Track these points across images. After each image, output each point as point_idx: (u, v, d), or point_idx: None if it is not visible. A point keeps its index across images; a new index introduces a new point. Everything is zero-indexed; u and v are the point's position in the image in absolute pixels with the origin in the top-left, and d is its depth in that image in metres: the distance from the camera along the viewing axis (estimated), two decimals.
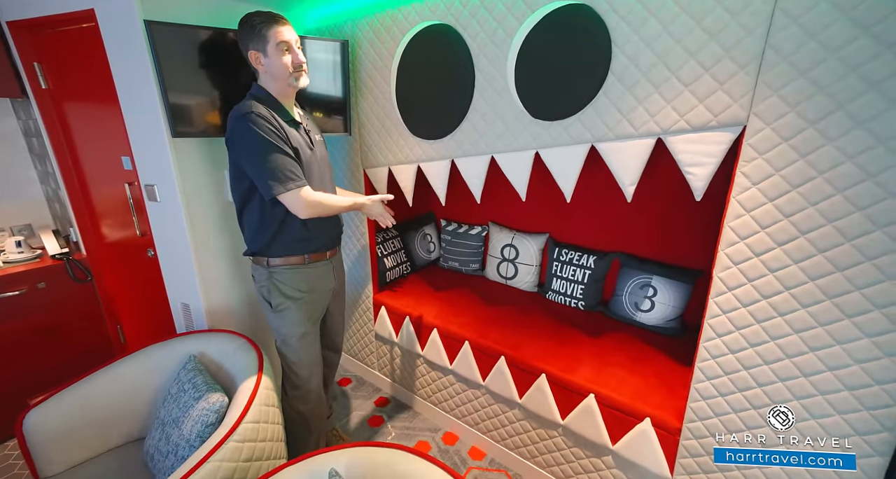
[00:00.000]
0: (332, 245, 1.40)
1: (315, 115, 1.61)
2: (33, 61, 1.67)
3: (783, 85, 0.81)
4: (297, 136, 1.23)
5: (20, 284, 1.77)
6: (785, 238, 0.87)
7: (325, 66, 1.57)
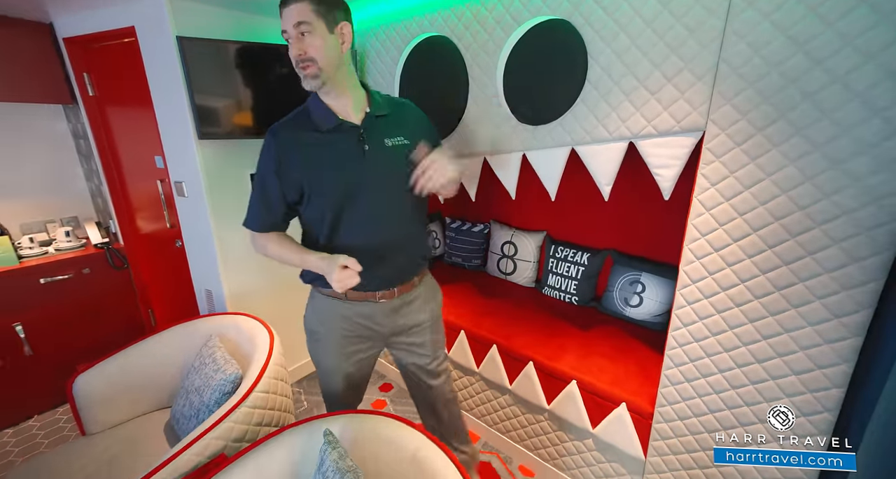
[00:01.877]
0: (383, 285, 1.10)
1: None
2: (83, 72, 1.88)
3: (735, 95, 0.89)
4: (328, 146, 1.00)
5: (69, 269, 1.98)
6: (739, 235, 0.95)
7: None
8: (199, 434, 1.07)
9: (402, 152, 1.02)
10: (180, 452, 1.03)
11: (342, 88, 0.99)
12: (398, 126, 1.04)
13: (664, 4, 0.94)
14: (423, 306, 1.18)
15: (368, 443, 0.98)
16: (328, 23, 0.91)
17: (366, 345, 1.19)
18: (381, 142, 1.01)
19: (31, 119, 2.09)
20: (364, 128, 1.01)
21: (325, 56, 0.92)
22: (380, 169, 1.01)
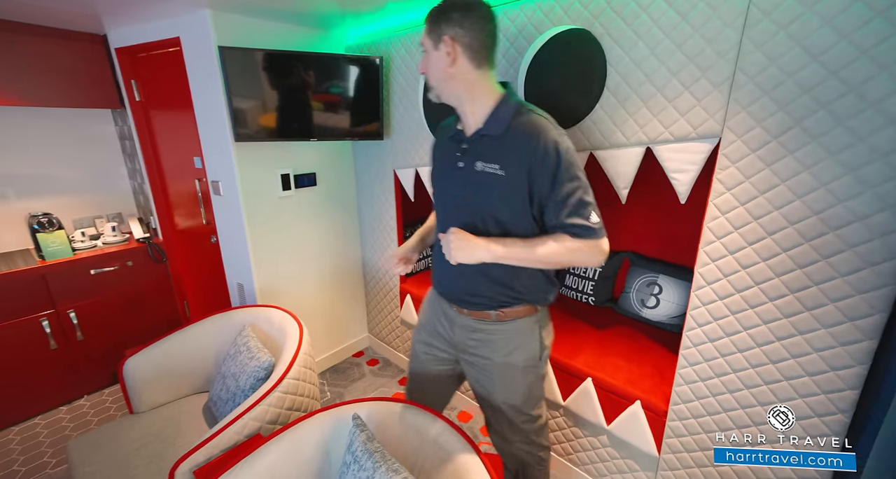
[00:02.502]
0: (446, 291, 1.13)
1: (345, 116, 1.83)
2: (131, 79, 2.03)
3: (750, 102, 0.92)
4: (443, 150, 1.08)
5: (115, 261, 2.14)
6: (754, 238, 0.98)
7: (365, 80, 1.79)
8: (238, 415, 1.16)
9: (489, 181, 0.95)
10: (222, 430, 1.13)
11: (459, 101, 0.98)
12: (501, 152, 0.94)
13: (682, 15, 0.97)
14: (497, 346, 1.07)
15: (393, 428, 1.05)
16: (433, 40, 0.93)
17: (435, 341, 1.20)
18: (473, 163, 0.97)
19: (83, 123, 2.26)
20: (468, 143, 0.99)
21: (432, 73, 0.97)
22: (462, 189, 1.00)
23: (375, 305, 2.48)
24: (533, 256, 0.92)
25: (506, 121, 0.93)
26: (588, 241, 0.89)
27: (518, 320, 1.05)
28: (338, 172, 2.19)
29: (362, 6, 1.58)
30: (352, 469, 0.92)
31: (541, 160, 0.89)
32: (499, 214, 0.96)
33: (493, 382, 1.11)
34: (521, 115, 0.93)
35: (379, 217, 2.22)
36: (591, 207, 0.90)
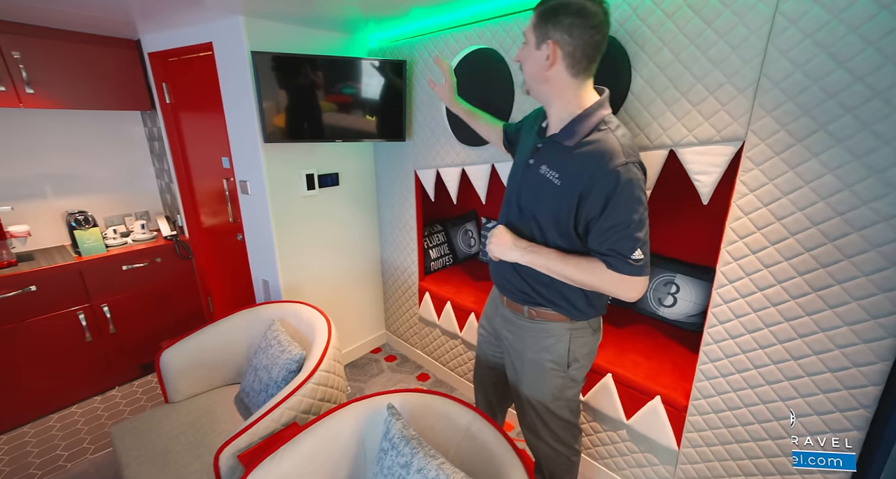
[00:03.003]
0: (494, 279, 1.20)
1: (368, 118, 1.89)
2: (162, 82, 2.11)
3: (775, 107, 0.95)
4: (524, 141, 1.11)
5: (144, 258, 2.22)
6: (777, 238, 1.01)
7: (389, 82, 1.84)
8: (276, 404, 1.22)
9: (545, 187, 0.95)
10: (261, 418, 1.19)
11: (546, 103, 0.99)
12: (565, 163, 0.93)
13: (708, 23, 1.00)
14: (527, 342, 1.12)
15: (425, 417, 1.10)
16: (537, 38, 0.89)
17: (487, 326, 1.31)
18: (539, 165, 0.98)
19: (114, 124, 2.35)
20: (543, 143, 1.00)
21: (527, 68, 0.95)
22: (523, 186, 1.02)
23: (393, 302, 2.53)
24: (563, 272, 0.94)
25: (582, 134, 0.91)
26: (622, 275, 0.88)
27: (548, 323, 1.08)
28: (359, 172, 2.25)
29: (386, 12, 1.63)
30: (390, 455, 0.97)
31: (599, 184, 0.86)
32: (542, 221, 0.98)
33: (522, 375, 1.17)
34: (598, 131, 0.90)
35: (399, 216, 2.27)
36: (637, 244, 0.87)
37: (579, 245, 0.97)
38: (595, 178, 0.87)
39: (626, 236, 0.87)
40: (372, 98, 1.86)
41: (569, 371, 1.10)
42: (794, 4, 0.88)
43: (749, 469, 1.18)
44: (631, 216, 0.87)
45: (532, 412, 1.19)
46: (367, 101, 1.86)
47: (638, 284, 0.89)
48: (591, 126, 0.91)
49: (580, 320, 1.08)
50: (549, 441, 1.22)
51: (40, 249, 2.15)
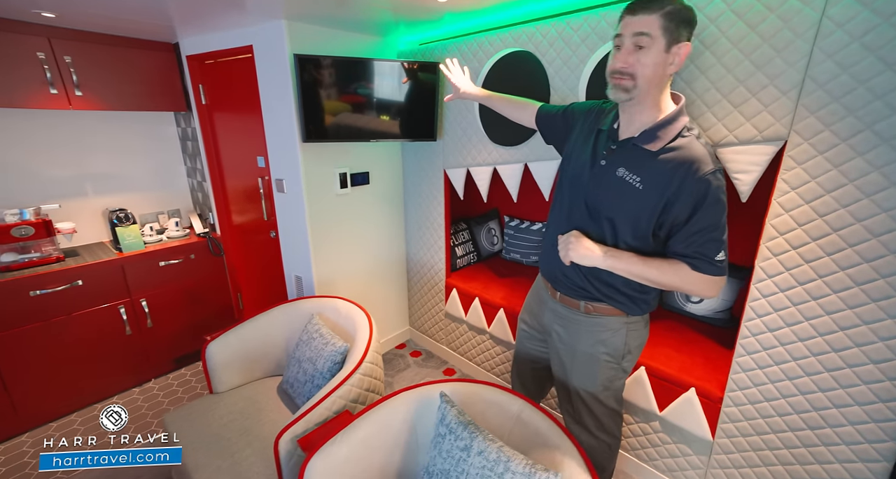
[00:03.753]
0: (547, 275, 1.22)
1: (401, 118, 1.94)
2: (199, 83, 2.17)
3: (819, 108, 0.99)
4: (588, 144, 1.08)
5: (179, 254, 2.28)
6: (819, 234, 1.04)
7: (423, 83, 1.89)
8: (328, 393, 1.28)
9: (625, 190, 0.96)
10: (314, 406, 1.24)
11: (641, 105, 0.94)
12: (648, 167, 0.93)
13: (752, 27, 1.04)
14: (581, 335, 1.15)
15: (475, 404, 1.15)
16: (668, 40, 0.86)
17: (529, 320, 1.35)
18: (616, 167, 0.98)
19: (149, 125, 2.42)
20: (618, 145, 1.00)
21: (648, 75, 0.88)
22: (595, 188, 1.02)
23: (418, 299, 2.58)
24: (645, 275, 0.97)
25: (665, 140, 0.92)
26: (706, 276, 0.92)
27: (604, 317, 1.12)
28: (388, 171, 2.31)
29: (421, 16, 1.67)
30: (448, 439, 1.02)
31: (688, 190, 0.88)
32: (618, 223, 0.99)
33: (572, 368, 1.21)
34: (682, 137, 0.91)
35: (426, 215, 2.32)
36: (721, 246, 0.91)
37: (652, 246, 1.00)
38: (685, 184, 0.88)
39: (712, 239, 0.90)
40: (406, 99, 1.91)
41: (622, 363, 1.15)
42: (841, 9, 0.92)
43: (786, 459, 1.22)
44: (717, 220, 0.90)
45: (579, 402, 1.23)
46: (402, 101, 1.91)
47: (720, 283, 0.93)
48: (675, 132, 0.92)
49: (636, 314, 1.12)
50: (592, 430, 1.26)
51: (82, 245, 2.23)
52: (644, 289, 1.08)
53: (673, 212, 0.92)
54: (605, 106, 1.13)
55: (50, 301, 1.85)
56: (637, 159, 0.96)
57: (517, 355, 1.46)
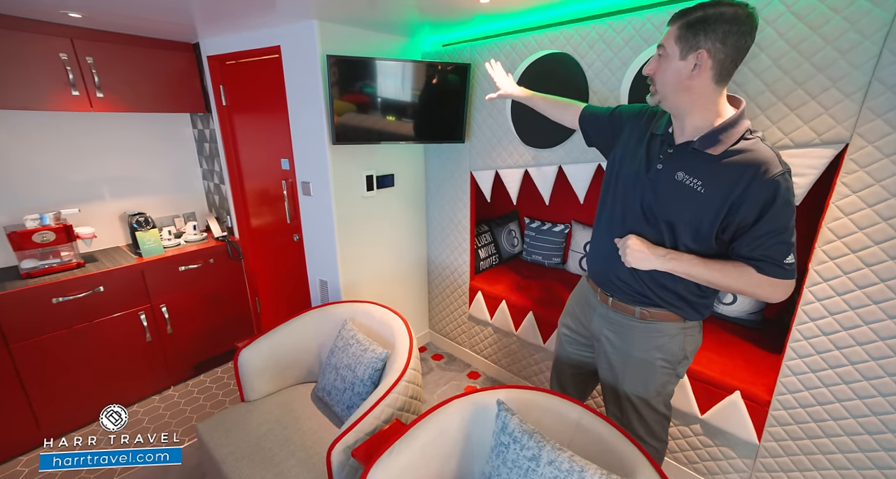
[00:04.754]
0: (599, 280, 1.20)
1: (430, 119, 1.91)
2: (219, 84, 2.13)
3: (887, 110, 0.98)
4: (638, 145, 1.09)
5: (199, 259, 2.24)
6: (882, 238, 1.04)
7: (453, 84, 1.87)
8: (376, 402, 1.25)
9: (685, 193, 0.96)
10: (364, 415, 1.22)
11: (680, 112, 0.97)
12: (710, 170, 0.93)
13: (814, 29, 1.03)
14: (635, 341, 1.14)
15: (532, 412, 1.13)
16: (683, 49, 0.89)
17: (573, 325, 1.34)
18: (674, 171, 0.98)
19: (165, 126, 2.37)
20: (674, 149, 1.00)
21: (665, 79, 0.94)
22: (651, 192, 1.02)
23: (440, 302, 2.56)
24: (707, 277, 0.95)
25: (728, 143, 0.91)
26: (773, 279, 0.90)
27: (661, 322, 1.10)
28: (411, 173, 2.28)
29: (451, 16, 1.65)
30: (512, 449, 1.00)
31: (755, 193, 0.87)
32: (678, 226, 0.98)
33: (625, 373, 1.18)
34: (746, 140, 0.91)
35: (450, 217, 2.30)
36: (791, 249, 0.89)
37: (714, 249, 0.98)
38: (752, 187, 0.88)
39: (782, 242, 0.89)
40: (435, 100, 1.89)
41: (677, 368, 1.13)
42: None
43: (841, 463, 1.22)
44: (787, 223, 0.89)
45: (629, 408, 1.22)
46: (430, 102, 1.89)
47: (789, 286, 0.91)
48: (738, 135, 0.91)
49: (694, 319, 1.10)
50: (642, 435, 1.25)
51: (100, 249, 2.18)
52: (704, 293, 1.06)
53: (739, 214, 0.91)
54: (656, 109, 1.13)
55: (72, 308, 1.80)
56: (697, 163, 0.95)
57: (558, 359, 1.44)
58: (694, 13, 0.88)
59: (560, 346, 1.42)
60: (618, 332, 1.17)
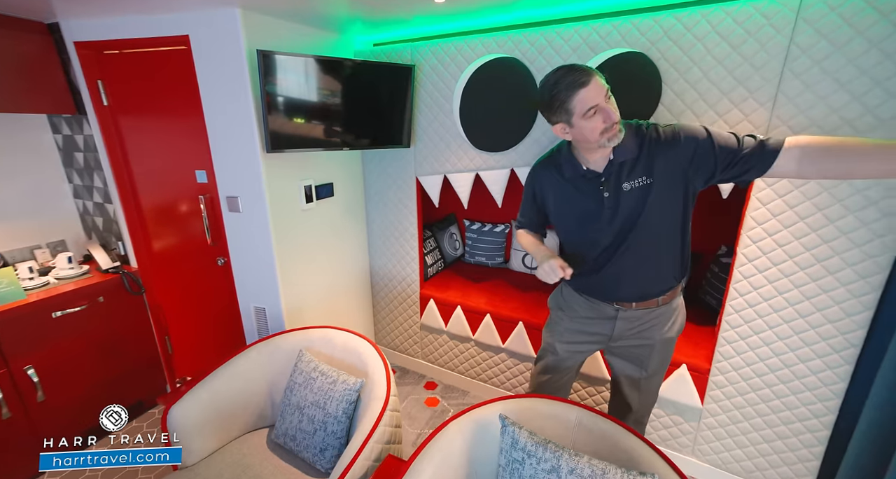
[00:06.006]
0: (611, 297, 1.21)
1: (374, 123, 1.80)
2: (97, 79, 1.70)
3: (790, 118, 1.19)
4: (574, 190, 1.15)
5: (82, 299, 1.77)
6: (790, 222, 1.26)
7: (396, 87, 1.77)
8: (364, 441, 1.12)
9: (641, 193, 1.05)
10: (355, 458, 1.08)
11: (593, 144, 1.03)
12: (643, 167, 1.04)
13: (734, 47, 1.21)
14: (659, 326, 1.22)
15: (533, 420, 1.11)
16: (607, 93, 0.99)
17: (580, 338, 1.32)
18: (618, 187, 1.07)
19: (14, 132, 1.82)
20: (605, 176, 1.08)
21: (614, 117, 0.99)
22: (615, 212, 1.09)
23: (387, 314, 2.44)
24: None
25: (633, 143, 1.04)
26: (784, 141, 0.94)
27: (674, 299, 1.22)
28: (350, 181, 2.12)
29: (391, 13, 1.56)
30: (528, 464, 0.97)
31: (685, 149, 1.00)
32: (653, 214, 1.07)
33: (650, 358, 1.26)
34: (643, 131, 1.05)
35: (395, 225, 2.20)
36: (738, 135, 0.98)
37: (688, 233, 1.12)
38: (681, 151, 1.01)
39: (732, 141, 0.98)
40: (379, 103, 1.77)
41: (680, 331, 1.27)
42: (806, 38, 1.12)
43: (764, 411, 1.46)
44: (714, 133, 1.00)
45: (648, 391, 1.33)
46: (374, 106, 1.77)
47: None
48: (633, 133, 1.06)
49: (682, 282, 1.23)
50: (644, 413, 1.38)
51: None
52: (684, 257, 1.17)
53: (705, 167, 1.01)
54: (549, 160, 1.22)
55: None
56: (628, 170, 1.06)
57: (561, 370, 1.40)
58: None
59: (559, 361, 1.38)
60: (641, 326, 1.22)
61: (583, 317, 1.29)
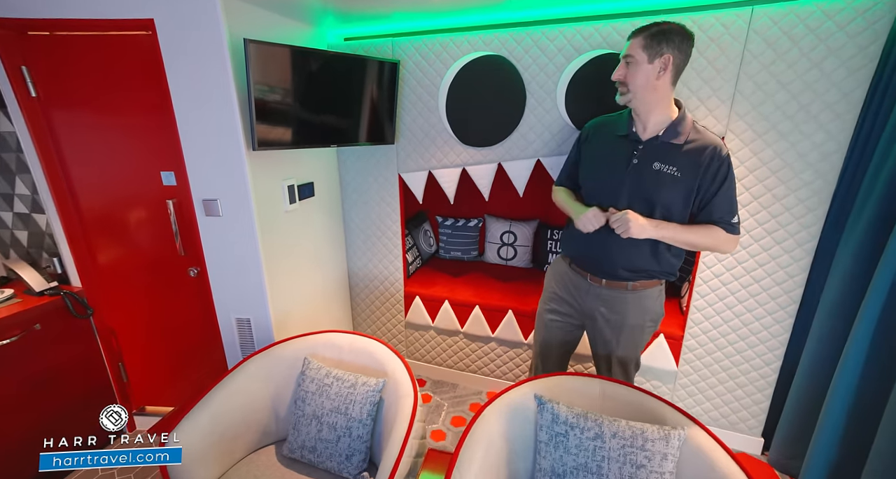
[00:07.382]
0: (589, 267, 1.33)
1: (359, 120, 1.76)
2: (20, 65, 1.44)
3: (745, 113, 1.41)
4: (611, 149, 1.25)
5: (13, 329, 1.50)
6: (746, 202, 1.49)
7: (382, 83, 1.74)
8: (404, 441, 1.10)
9: (665, 180, 1.16)
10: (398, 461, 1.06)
11: (647, 108, 1.16)
12: (679, 157, 1.15)
13: (701, 52, 1.39)
14: (629, 310, 1.30)
15: (560, 395, 1.18)
16: (649, 54, 1.10)
17: (561, 308, 1.44)
18: (650, 163, 1.17)
19: None
20: (644, 145, 1.19)
21: (636, 81, 1.13)
22: (636, 183, 1.19)
23: (368, 315, 2.38)
24: (687, 238, 1.17)
25: (686, 133, 1.15)
26: (732, 236, 1.17)
27: (648, 289, 1.30)
28: (328, 180, 2.04)
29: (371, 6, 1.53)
30: (572, 435, 1.04)
31: (715, 168, 1.13)
32: (666, 205, 1.18)
33: (619, 341, 1.35)
34: (696, 130, 1.16)
35: (376, 223, 2.16)
36: (736, 208, 1.17)
37: (687, 218, 1.21)
38: (712, 165, 1.14)
39: (733, 204, 1.16)
40: (366, 100, 1.72)
41: (657, 323, 1.37)
42: (756, 46, 1.33)
43: (727, 365, 1.70)
44: (734, 189, 1.17)
45: (619, 370, 1.41)
46: (361, 102, 1.71)
47: (737, 240, 1.20)
48: (690, 126, 1.17)
49: (670, 280, 1.34)
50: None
51: None
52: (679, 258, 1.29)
53: (704, 187, 1.16)
54: (610, 118, 1.32)
55: None
56: (667, 153, 1.17)
57: (546, 344, 1.52)
58: (653, 28, 1.12)
59: (548, 332, 1.50)
60: (612, 306, 1.32)
61: (564, 283, 1.42)
